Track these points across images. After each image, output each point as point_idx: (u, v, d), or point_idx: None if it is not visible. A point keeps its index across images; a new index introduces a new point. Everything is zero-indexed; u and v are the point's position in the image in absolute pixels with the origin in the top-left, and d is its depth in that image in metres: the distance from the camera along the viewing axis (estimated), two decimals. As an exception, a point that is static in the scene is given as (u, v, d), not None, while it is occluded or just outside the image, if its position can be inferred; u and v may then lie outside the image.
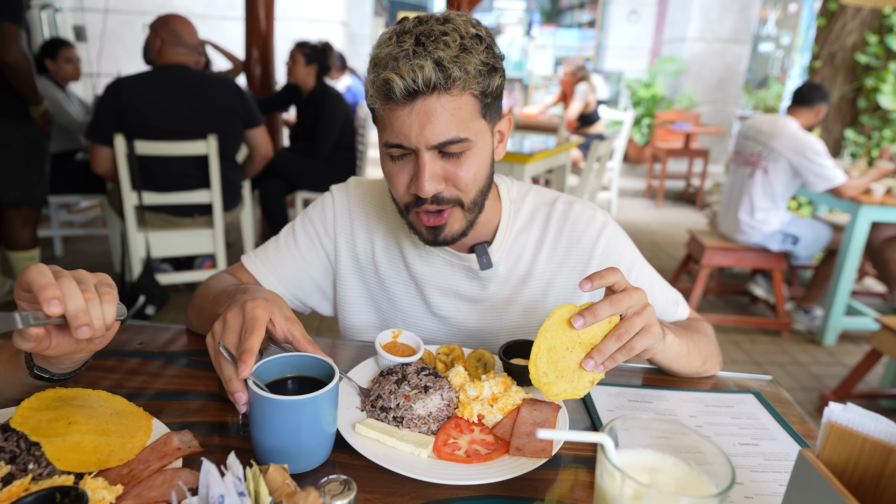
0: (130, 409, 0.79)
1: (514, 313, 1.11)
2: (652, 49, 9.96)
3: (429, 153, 0.88)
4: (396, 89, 0.83)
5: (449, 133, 0.87)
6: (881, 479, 0.52)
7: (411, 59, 0.82)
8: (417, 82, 0.82)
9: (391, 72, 0.83)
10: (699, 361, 1.00)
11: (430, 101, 0.85)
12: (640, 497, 0.52)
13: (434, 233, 0.96)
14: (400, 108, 0.86)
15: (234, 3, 6.76)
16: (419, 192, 0.90)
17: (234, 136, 3.12)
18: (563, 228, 1.08)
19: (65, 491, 0.60)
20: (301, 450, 0.72)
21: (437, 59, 0.82)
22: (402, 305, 1.14)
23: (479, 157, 0.92)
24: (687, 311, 1.16)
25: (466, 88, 0.86)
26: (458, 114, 0.87)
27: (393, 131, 0.88)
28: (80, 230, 4.47)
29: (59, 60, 3.79)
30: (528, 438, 0.79)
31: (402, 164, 0.92)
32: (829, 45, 4.61)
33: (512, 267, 1.09)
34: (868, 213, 3.17)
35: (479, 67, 0.86)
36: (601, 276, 0.79)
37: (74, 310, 0.65)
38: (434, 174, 0.90)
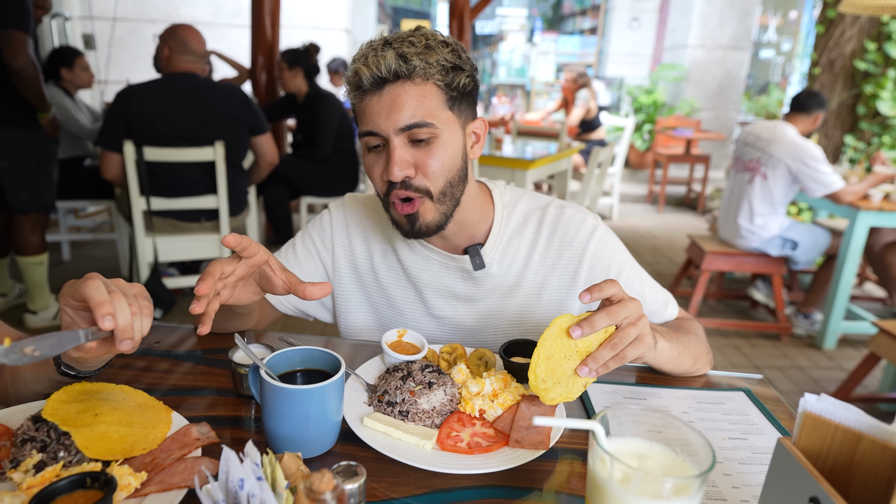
0: (151, 403, 0.84)
1: (510, 314, 1.15)
2: (653, 56, 10.02)
3: (398, 139, 0.95)
4: (364, 79, 0.93)
5: (414, 117, 0.94)
6: (851, 464, 0.56)
7: (377, 54, 0.93)
8: (381, 69, 0.92)
9: (360, 64, 0.94)
10: (690, 362, 1.05)
11: (395, 89, 0.94)
12: (629, 479, 0.56)
13: (410, 221, 1.01)
14: (369, 97, 0.95)
15: (240, 11, 6.85)
16: (389, 175, 0.96)
17: (241, 142, 3.18)
18: (555, 232, 1.13)
19: (95, 476, 0.65)
20: (310, 436, 0.77)
21: (400, 53, 0.92)
22: (402, 309, 1.19)
23: (447, 148, 0.98)
24: (676, 311, 1.20)
25: (429, 78, 0.94)
26: (423, 101, 0.94)
27: (365, 120, 0.97)
28: (88, 235, 4.53)
29: (76, 69, 3.87)
30: (527, 431, 0.84)
31: (377, 154, 1.00)
32: (829, 52, 4.66)
33: (506, 269, 1.14)
34: (866, 218, 3.21)
35: (442, 63, 0.94)
36: (600, 289, 0.83)
37: (123, 325, 0.69)
38: (402, 159, 0.96)
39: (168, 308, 3.07)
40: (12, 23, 2.64)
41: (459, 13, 5.23)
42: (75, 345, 0.69)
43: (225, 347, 1.11)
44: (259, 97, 4.49)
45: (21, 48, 2.67)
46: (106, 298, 0.68)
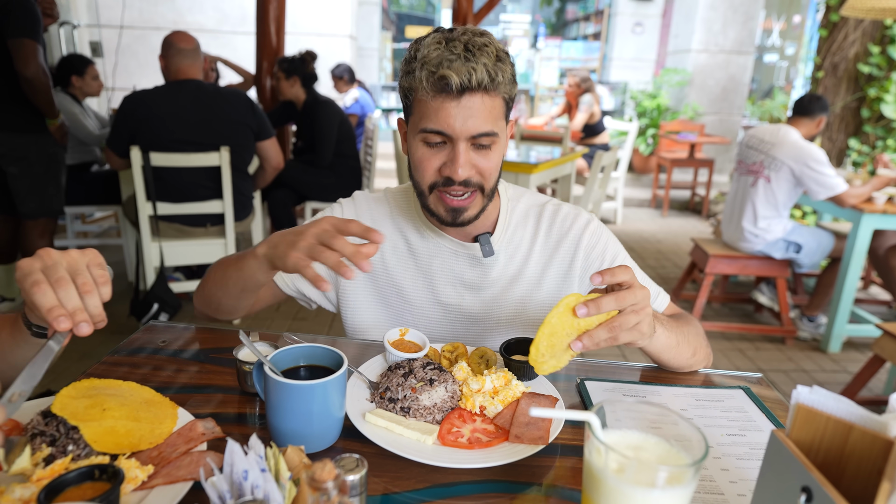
0: (158, 399, 0.85)
1: (512, 301, 1.20)
2: (656, 60, 10.04)
3: (465, 143, 1.02)
4: (453, 84, 0.96)
5: (485, 127, 1.01)
6: (843, 454, 0.57)
7: (465, 62, 0.96)
8: (472, 81, 0.97)
9: (447, 69, 0.96)
10: (688, 353, 1.06)
11: (475, 99, 0.99)
12: (623, 469, 0.57)
13: (454, 214, 1.07)
14: (450, 101, 0.99)
15: (246, 18, 6.91)
16: (453, 175, 1.02)
17: (246, 148, 3.21)
18: (553, 225, 1.21)
19: (103, 469, 0.66)
20: (313, 431, 0.79)
21: (484, 63, 0.97)
22: (411, 298, 1.22)
23: (500, 151, 1.07)
24: (664, 306, 1.22)
25: (500, 92, 1.02)
26: (492, 112, 1.02)
27: (437, 120, 1.00)
28: (95, 240, 4.57)
29: (87, 77, 3.92)
30: (527, 427, 0.85)
31: (435, 150, 1.04)
32: (832, 56, 4.66)
33: (510, 257, 1.21)
34: (870, 221, 3.20)
35: (510, 77, 1.02)
36: (612, 274, 0.85)
37: (73, 310, 0.72)
38: (467, 161, 1.03)
39: (174, 312, 3.09)
40: (24, 31, 2.68)
41: (463, 19, 5.26)
42: (52, 359, 0.72)
43: (230, 346, 1.13)
44: (264, 103, 4.53)
45: (32, 56, 2.71)
46: (54, 303, 0.71)
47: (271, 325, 3.49)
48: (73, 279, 0.74)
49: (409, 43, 3.12)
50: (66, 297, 0.72)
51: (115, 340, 1.09)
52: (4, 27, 2.68)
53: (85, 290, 0.74)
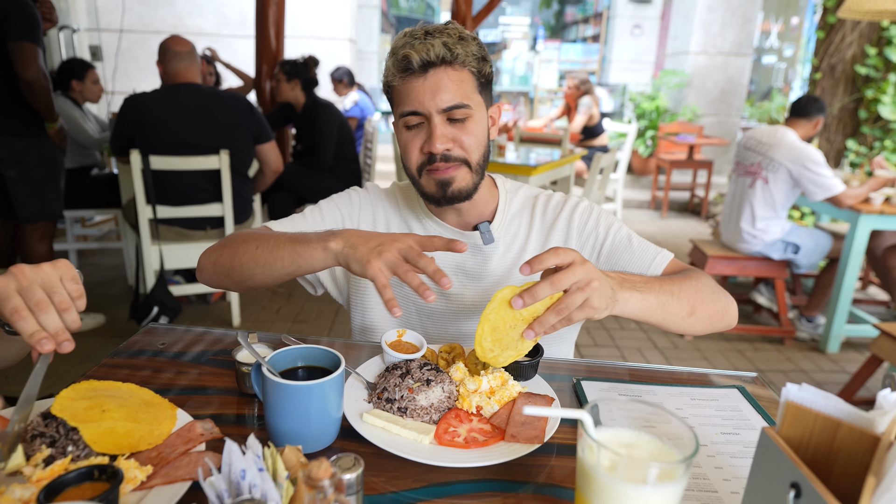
0: (157, 400, 0.86)
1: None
2: (655, 62, 10.06)
3: (439, 117, 1.07)
4: (414, 62, 1.03)
5: (455, 99, 1.06)
6: (831, 450, 0.58)
7: (423, 41, 1.04)
8: (430, 55, 1.03)
9: (409, 49, 1.04)
10: (681, 312, 1.01)
11: (440, 73, 1.05)
12: (615, 466, 0.58)
13: (443, 187, 1.11)
14: (415, 79, 1.05)
15: (245, 21, 6.93)
16: (432, 148, 1.07)
17: (246, 151, 3.22)
18: (546, 212, 1.26)
19: (102, 469, 0.67)
20: (310, 432, 0.80)
21: (443, 41, 1.04)
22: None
23: (478, 126, 1.11)
24: (664, 264, 1.16)
25: (466, 65, 1.07)
26: (461, 85, 1.07)
27: (409, 100, 1.07)
28: (95, 244, 4.57)
29: (87, 82, 3.93)
30: (523, 427, 0.86)
31: (415, 132, 1.10)
32: (829, 58, 4.68)
33: (508, 246, 1.24)
34: (867, 221, 3.21)
35: (475, 53, 1.08)
36: (540, 260, 0.84)
37: (55, 332, 0.75)
38: (443, 134, 1.07)
39: (174, 315, 3.10)
40: (24, 35, 2.70)
41: (461, 21, 5.28)
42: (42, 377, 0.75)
43: (228, 348, 1.14)
44: (264, 107, 4.54)
45: (32, 60, 2.73)
46: (35, 328, 0.73)
47: (271, 328, 3.49)
48: (50, 297, 0.75)
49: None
50: (46, 320, 0.74)
51: (114, 344, 1.10)
52: (4, 31, 2.70)
53: (63, 307, 0.76)
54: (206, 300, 3.83)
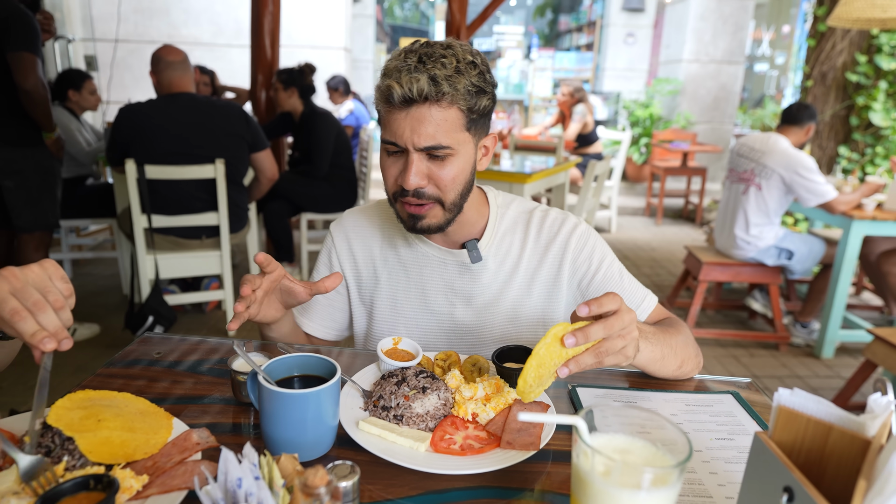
0: (153, 410, 0.86)
1: (504, 307, 1.21)
2: (649, 70, 10.13)
3: (416, 153, 1.03)
4: (395, 95, 0.99)
5: (434, 139, 1.01)
6: (823, 454, 0.59)
7: (411, 73, 0.97)
8: (413, 91, 0.97)
9: (393, 81, 0.98)
10: (675, 365, 1.06)
11: (422, 110, 0.99)
12: (610, 472, 0.58)
13: (413, 220, 1.10)
14: (397, 111, 1.01)
15: (241, 31, 6.95)
16: (404, 184, 1.04)
17: (241, 159, 3.23)
18: (541, 231, 1.22)
19: (98, 478, 0.67)
20: (306, 440, 0.80)
21: (432, 75, 0.97)
22: (403, 308, 1.24)
23: (459, 164, 1.06)
24: (650, 309, 1.21)
25: (454, 103, 1.00)
26: (443, 124, 1.01)
27: (389, 130, 1.04)
28: (90, 253, 4.56)
29: (84, 92, 3.94)
30: (518, 434, 0.86)
31: (394, 159, 1.07)
32: (821, 65, 4.72)
33: (500, 263, 1.21)
34: (860, 227, 3.24)
35: (469, 88, 1.00)
36: (599, 304, 0.85)
37: (55, 331, 0.75)
38: (419, 171, 1.03)
39: (169, 324, 3.09)
40: (23, 45, 2.72)
41: (456, 31, 5.31)
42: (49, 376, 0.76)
43: (224, 357, 1.14)
44: (259, 116, 4.55)
45: (31, 69, 2.75)
46: (36, 328, 0.74)
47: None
48: (45, 297, 0.76)
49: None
50: (45, 319, 0.75)
51: (109, 354, 1.10)
52: (4, 41, 2.71)
53: (58, 306, 0.77)
54: (202, 309, 3.82)
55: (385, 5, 16.45)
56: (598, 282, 1.19)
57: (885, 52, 4.46)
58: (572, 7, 14.26)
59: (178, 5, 7.07)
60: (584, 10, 12.51)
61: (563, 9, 15.11)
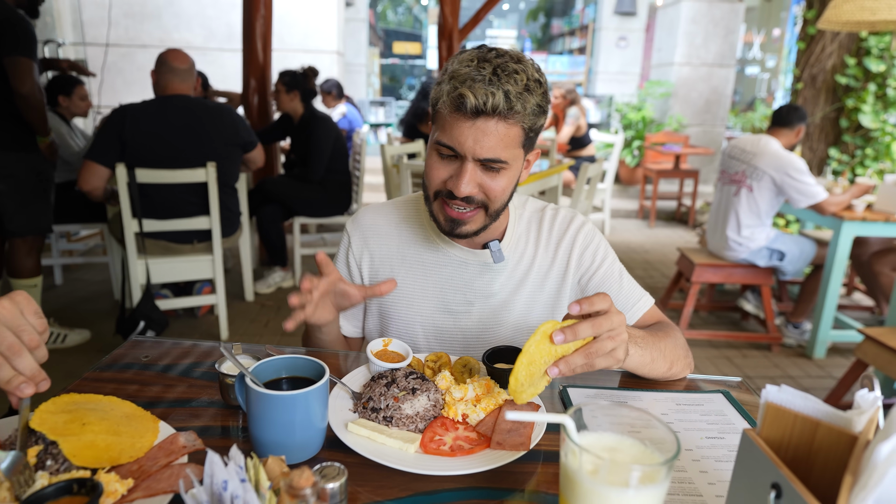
0: (139, 413, 0.85)
1: (519, 304, 1.23)
2: (641, 73, 10.18)
3: (472, 163, 1.04)
4: (468, 104, 0.98)
5: (494, 153, 1.02)
6: (811, 450, 0.59)
7: (486, 85, 0.97)
8: (487, 105, 0.97)
9: (467, 89, 0.97)
10: (664, 367, 1.07)
11: (490, 123, 1.00)
12: (598, 470, 0.58)
13: (453, 224, 1.10)
14: (464, 119, 1.01)
15: (232, 35, 6.94)
16: (456, 190, 1.05)
17: (234, 162, 3.24)
18: (553, 228, 1.26)
19: (81, 482, 0.66)
20: (295, 442, 0.79)
21: (506, 91, 0.97)
22: (420, 307, 1.25)
23: (510, 177, 1.09)
24: (644, 309, 1.23)
25: (519, 122, 1.02)
26: (505, 139, 1.02)
27: (451, 136, 1.03)
28: (80, 258, 4.52)
29: (75, 98, 3.92)
30: (508, 434, 0.86)
31: (446, 162, 1.07)
32: (810, 68, 4.75)
33: (516, 263, 1.24)
34: (850, 228, 3.26)
35: (534, 108, 1.02)
36: (591, 303, 0.85)
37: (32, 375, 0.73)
38: (472, 180, 1.05)
39: (161, 330, 3.07)
40: (20, 50, 2.72)
41: (449, 35, 5.31)
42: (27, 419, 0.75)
43: (213, 360, 1.13)
44: (251, 120, 4.54)
45: (28, 74, 2.75)
46: (12, 374, 0.71)
47: (259, 340, 3.47)
48: (19, 337, 0.73)
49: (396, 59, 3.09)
50: (21, 364, 0.73)
51: (99, 359, 1.09)
52: (0, 46, 2.70)
53: (32, 345, 0.74)
54: (194, 314, 3.80)
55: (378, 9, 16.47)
56: (598, 279, 1.22)
57: (874, 55, 4.50)
58: (565, 11, 14.32)
59: (169, 9, 7.05)
60: (576, 14, 12.57)
61: (555, 12, 15.17)
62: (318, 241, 5.15)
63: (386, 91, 15.95)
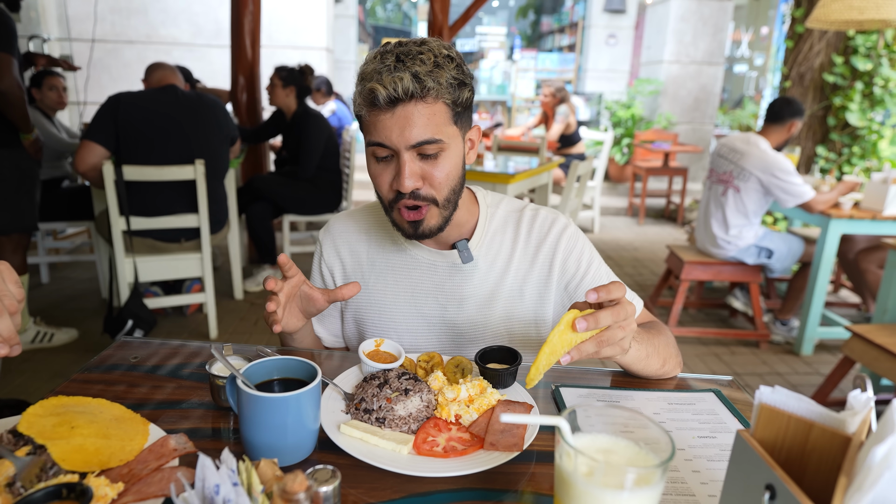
0: (128, 416, 0.84)
1: (497, 307, 1.20)
2: (630, 71, 10.21)
3: (408, 153, 1.01)
4: (380, 97, 0.97)
5: (425, 134, 0.99)
6: (804, 452, 0.59)
7: (392, 73, 0.96)
8: (398, 91, 0.96)
9: (376, 83, 0.96)
10: (658, 364, 1.08)
11: (409, 108, 0.98)
12: (593, 472, 0.58)
13: (414, 226, 1.08)
14: (383, 113, 0.99)
15: (220, 31, 6.88)
16: (400, 187, 1.02)
17: (226, 152, 3.33)
18: (532, 230, 1.22)
19: (71, 487, 0.65)
20: (287, 444, 0.78)
21: (414, 72, 0.96)
22: (393, 313, 1.22)
23: (451, 159, 1.05)
24: (638, 310, 1.22)
25: (439, 97, 0.99)
26: (432, 119, 1.00)
27: (375, 132, 1.01)
28: (67, 257, 4.48)
29: (44, 88, 3.86)
30: (502, 435, 0.85)
31: (385, 164, 1.05)
32: (798, 66, 4.79)
33: (491, 263, 1.21)
34: (837, 226, 3.29)
35: (450, 81, 1.00)
36: (608, 291, 0.85)
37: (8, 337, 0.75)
38: (413, 172, 1.02)
39: (149, 328, 3.04)
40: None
41: (438, 31, 5.30)
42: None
43: (203, 361, 1.12)
44: (240, 117, 4.51)
45: (6, 70, 2.70)
46: None
47: (248, 339, 3.45)
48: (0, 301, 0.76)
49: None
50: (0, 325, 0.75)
51: (87, 359, 1.08)
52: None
53: (12, 310, 0.77)
54: (183, 312, 3.77)
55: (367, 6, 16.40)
56: (587, 285, 1.19)
57: (861, 54, 4.54)
58: (554, 8, 14.33)
59: (155, 5, 6.98)
60: (566, 12, 12.57)
61: (545, 10, 15.17)
62: (307, 238, 5.12)
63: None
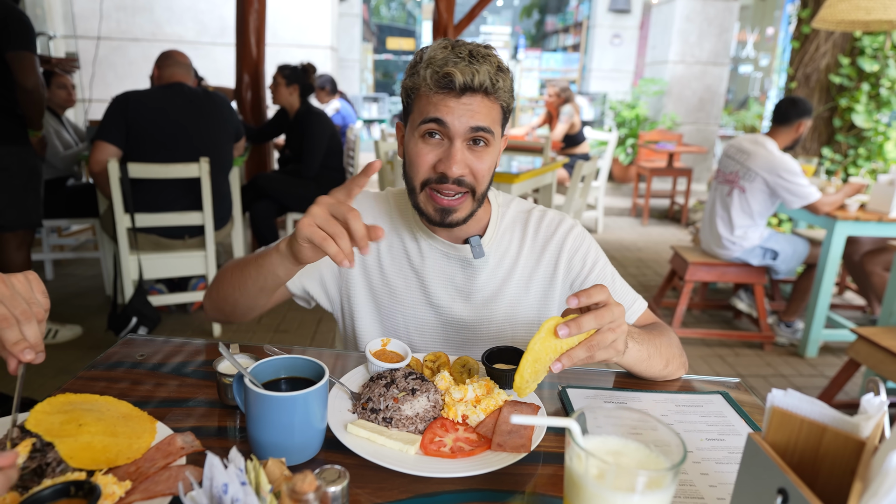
0: (136, 413, 0.84)
1: (502, 305, 1.22)
2: (635, 71, 10.20)
3: (461, 141, 1.05)
4: (457, 81, 1.01)
5: (483, 122, 1.04)
6: (817, 455, 0.58)
7: (470, 65, 1.01)
8: (474, 81, 1.01)
9: (453, 67, 1.01)
10: (660, 365, 1.08)
11: (476, 99, 1.03)
12: (604, 475, 0.58)
13: (443, 214, 1.09)
14: (451, 97, 1.03)
15: (225, 29, 6.89)
16: (448, 171, 1.05)
17: (231, 147, 3.36)
18: (539, 230, 1.25)
19: (79, 485, 0.65)
20: (294, 443, 0.78)
21: (488, 69, 1.02)
22: (403, 298, 1.23)
23: (492, 155, 1.10)
24: (642, 310, 1.24)
25: (499, 99, 1.07)
26: (490, 114, 1.06)
27: (438, 111, 1.03)
28: (71, 254, 4.49)
29: (52, 87, 3.86)
30: (509, 436, 0.85)
31: (432, 146, 1.07)
32: (804, 67, 4.77)
33: (499, 261, 1.23)
34: (843, 227, 3.27)
35: (509, 88, 1.08)
36: (588, 295, 0.86)
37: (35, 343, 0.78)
38: (462, 159, 1.06)
39: (153, 325, 3.05)
40: (23, 44, 2.72)
41: (443, 31, 5.30)
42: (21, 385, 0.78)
43: (210, 359, 1.12)
44: (245, 115, 4.51)
45: (32, 68, 2.75)
46: (19, 337, 0.76)
47: (252, 337, 3.45)
48: (30, 308, 0.78)
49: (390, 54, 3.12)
50: (29, 330, 0.77)
51: (91, 356, 1.08)
52: (3, 41, 2.69)
53: (40, 318, 0.79)
54: (186, 310, 3.77)
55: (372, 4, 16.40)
56: (591, 283, 1.20)
57: (868, 55, 4.52)
58: (559, 8, 14.31)
59: (161, 3, 6.99)
60: (570, 11, 12.56)
61: (549, 9, 15.16)
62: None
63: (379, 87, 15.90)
